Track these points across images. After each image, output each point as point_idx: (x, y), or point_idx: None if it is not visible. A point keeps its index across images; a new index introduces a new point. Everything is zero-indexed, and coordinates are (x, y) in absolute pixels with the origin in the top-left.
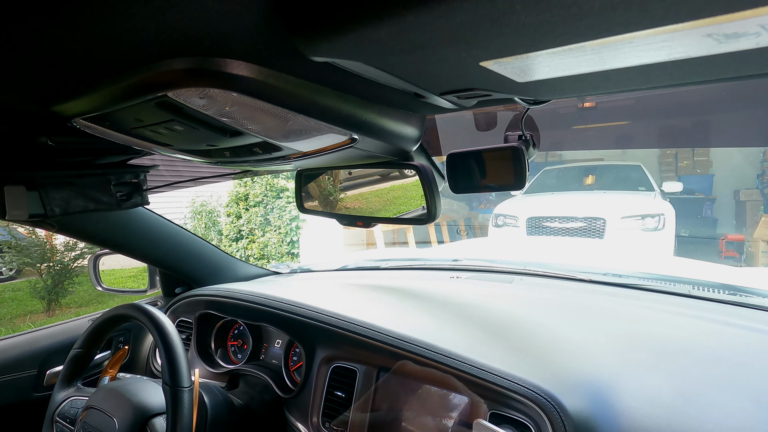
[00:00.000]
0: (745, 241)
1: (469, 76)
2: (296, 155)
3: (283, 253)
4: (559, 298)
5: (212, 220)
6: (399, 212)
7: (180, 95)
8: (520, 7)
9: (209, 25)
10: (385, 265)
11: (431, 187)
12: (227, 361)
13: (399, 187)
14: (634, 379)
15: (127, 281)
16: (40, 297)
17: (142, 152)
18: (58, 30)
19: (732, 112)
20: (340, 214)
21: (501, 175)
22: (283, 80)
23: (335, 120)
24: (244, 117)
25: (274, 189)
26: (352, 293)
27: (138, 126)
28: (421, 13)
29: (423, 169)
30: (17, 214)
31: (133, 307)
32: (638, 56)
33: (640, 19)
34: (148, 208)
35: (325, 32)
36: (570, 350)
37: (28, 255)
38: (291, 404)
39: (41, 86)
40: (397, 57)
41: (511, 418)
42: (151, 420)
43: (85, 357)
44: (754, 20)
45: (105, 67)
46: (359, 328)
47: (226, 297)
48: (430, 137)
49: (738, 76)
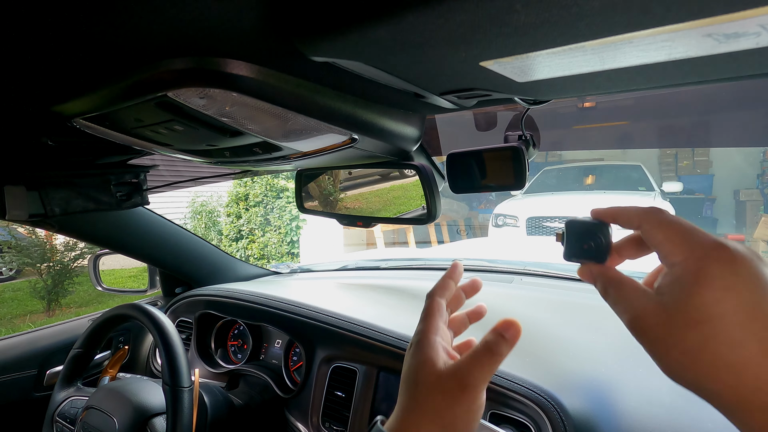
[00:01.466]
0: (745, 241)
1: (469, 76)
2: (296, 155)
3: (283, 253)
4: (559, 298)
5: (212, 220)
6: (399, 212)
7: (180, 95)
8: (520, 7)
9: (209, 25)
10: (385, 265)
11: (431, 187)
12: (227, 361)
13: (399, 187)
14: (634, 379)
15: (127, 281)
16: (40, 297)
17: (142, 152)
18: (58, 30)
19: (732, 112)
20: (340, 214)
21: (501, 175)
22: (283, 80)
23: (335, 120)
24: (244, 117)
25: (274, 189)
26: (352, 293)
27: (138, 126)
28: (422, 13)
29: (423, 169)
30: (17, 214)
31: (133, 307)
32: (638, 56)
33: (640, 19)
34: (148, 208)
35: (325, 32)
36: (570, 350)
37: (28, 255)
38: (291, 404)
39: (41, 86)
40: (397, 57)
41: (511, 418)
42: (151, 420)
43: (85, 357)
44: (754, 20)
45: (105, 67)
46: (359, 328)
47: (226, 297)
48: (430, 137)
49: (738, 76)
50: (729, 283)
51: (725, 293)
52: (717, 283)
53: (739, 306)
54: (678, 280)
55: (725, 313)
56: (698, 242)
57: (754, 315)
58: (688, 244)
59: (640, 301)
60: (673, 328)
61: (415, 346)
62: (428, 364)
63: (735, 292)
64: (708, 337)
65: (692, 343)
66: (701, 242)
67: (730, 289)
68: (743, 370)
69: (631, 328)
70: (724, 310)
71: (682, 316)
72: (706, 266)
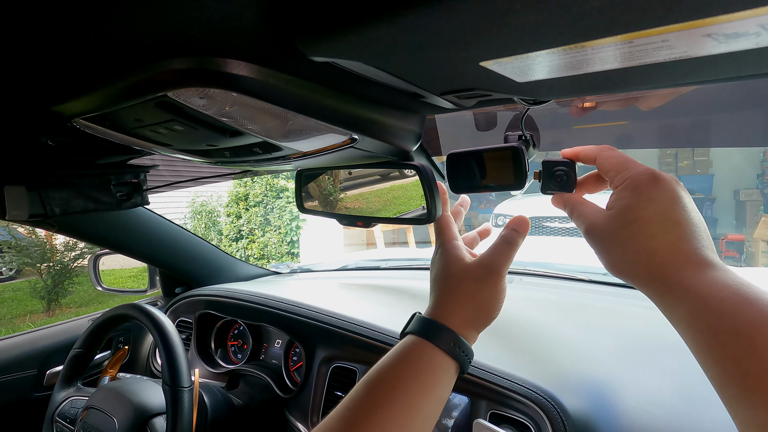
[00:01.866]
0: (745, 241)
1: (469, 76)
2: (296, 155)
3: (283, 253)
4: (559, 298)
5: (212, 220)
6: (399, 212)
7: (180, 95)
8: (520, 7)
9: (209, 25)
10: (385, 265)
11: (431, 187)
12: (227, 361)
13: (399, 187)
14: (634, 379)
15: (127, 281)
16: (40, 297)
17: (142, 152)
18: (58, 30)
19: (732, 112)
20: (340, 214)
21: (501, 175)
22: (283, 80)
23: (335, 120)
24: (244, 117)
25: (274, 189)
26: (352, 293)
27: (138, 126)
28: (422, 14)
29: (423, 169)
30: (17, 214)
31: (133, 307)
32: (638, 56)
33: (640, 19)
34: (148, 208)
35: (325, 32)
36: (570, 350)
37: (28, 255)
38: (291, 404)
39: (41, 86)
40: (398, 57)
41: (511, 418)
42: (151, 420)
43: (85, 357)
44: (754, 20)
45: (105, 67)
46: (359, 328)
47: (226, 297)
48: (430, 137)
49: (738, 76)
50: (651, 195)
51: (648, 202)
52: (644, 195)
53: (657, 211)
54: (619, 196)
55: (648, 216)
56: (634, 169)
57: (666, 217)
58: (627, 171)
59: (595, 214)
60: (613, 229)
61: (440, 252)
62: (457, 259)
63: (655, 202)
64: (635, 232)
65: (625, 237)
66: (636, 169)
67: (652, 200)
68: (655, 253)
69: (586, 234)
70: (648, 214)
71: (620, 219)
72: (638, 185)
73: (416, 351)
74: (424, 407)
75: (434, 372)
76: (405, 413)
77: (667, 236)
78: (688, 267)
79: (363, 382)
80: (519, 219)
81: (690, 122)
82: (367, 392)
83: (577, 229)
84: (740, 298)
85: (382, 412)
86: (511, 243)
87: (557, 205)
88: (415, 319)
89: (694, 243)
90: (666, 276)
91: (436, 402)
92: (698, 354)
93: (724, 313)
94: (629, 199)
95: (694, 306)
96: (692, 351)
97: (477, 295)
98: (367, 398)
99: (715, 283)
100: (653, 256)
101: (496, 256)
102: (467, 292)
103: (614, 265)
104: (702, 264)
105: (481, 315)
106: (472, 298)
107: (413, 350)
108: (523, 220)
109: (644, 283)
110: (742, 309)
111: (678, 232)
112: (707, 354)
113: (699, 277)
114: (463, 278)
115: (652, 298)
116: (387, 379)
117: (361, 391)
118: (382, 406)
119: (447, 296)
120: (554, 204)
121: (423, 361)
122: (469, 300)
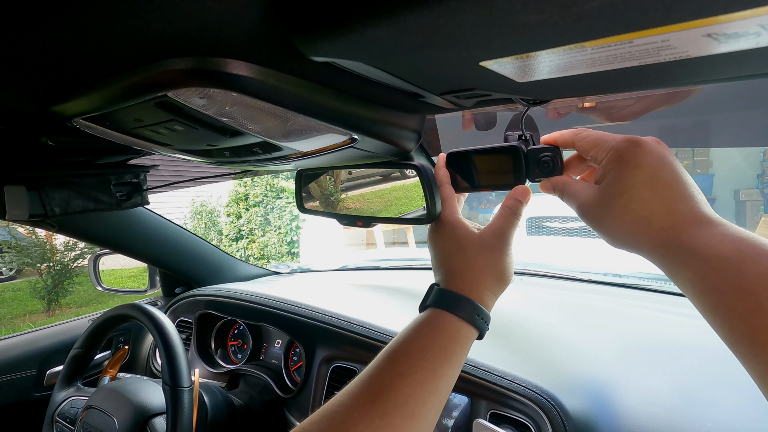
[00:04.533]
0: None
1: (469, 76)
2: (296, 155)
3: (283, 253)
4: (559, 298)
5: (212, 220)
6: (400, 212)
7: (180, 95)
8: (520, 7)
9: (209, 25)
10: (385, 265)
11: (431, 187)
12: (227, 361)
13: (400, 187)
14: (634, 379)
15: (127, 281)
16: (40, 297)
17: (142, 152)
18: (58, 30)
19: (732, 112)
20: (340, 215)
21: (501, 175)
22: (283, 80)
23: (335, 120)
24: (244, 117)
25: (274, 189)
26: (352, 293)
27: (138, 126)
28: (422, 13)
29: (423, 168)
30: (17, 214)
31: (133, 307)
32: (638, 56)
33: (640, 19)
34: (148, 208)
35: (325, 32)
36: (570, 350)
37: (28, 255)
38: (291, 404)
39: (41, 86)
40: (397, 57)
41: (511, 418)
42: (151, 420)
43: (85, 357)
44: (754, 20)
45: (105, 67)
46: (359, 328)
47: (226, 297)
48: (430, 137)
49: (738, 76)
50: (638, 161)
51: (636, 169)
52: (629, 163)
53: (646, 176)
54: (604, 170)
55: (637, 183)
56: (613, 140)
57: (656, 180)
58: (606, 144)
59: (585, 192)
60: (605, 202)
61: (445, 227)
62: (468, 233)
63: (642, 167)
64: (628, 201)
65: (619, 208)
66: (615, 139)
67: (638, 166)
68: (651, 219)
69: (580, 212)
70: (637, 181)
71: (611, 191)
72: (621, 154)
73: (441, 323)
74: (446, 374)
75: (459, 342)
76: (430, 381)
77: (661, 199)
78: (687, 228)
79: (385, 354)
80: (521, 188)
81: (690, 122)
82: (390, 363)
83: (577, 229)
84: (742, 254)
85: (407, 381)
86: (516, 212)
87: (546, 190)
88: (435, 292)
89: (689, 202)
90: (666, 240)
91: (457, 367)
92: (706, 314)
93: (727, 271)
94: (616, 170)
95: (696, 267)
96: (700, 311)
97: (497, 264)
98: (390, 369)
99: (715, 240)
100: (650, 222)
101: (505, 223)
102: (487, 263)
103: (614, 238)
104: (700, 222)
105: (502, 282)
106: (493, 267)
107: (437, 323)
108: (525, 189)
109: (646, 250)
110: (744, 266)
111: (670, 193)
112: (715, 314)
113: (699, 236)
114: (480, 249)
115: (655, 263)
116: (411, 351)
117: (384, 362)
118: (406, 375)
119: (465, 268)
120: (543, 190)
121: (448, 333)
122: (490, 270)
